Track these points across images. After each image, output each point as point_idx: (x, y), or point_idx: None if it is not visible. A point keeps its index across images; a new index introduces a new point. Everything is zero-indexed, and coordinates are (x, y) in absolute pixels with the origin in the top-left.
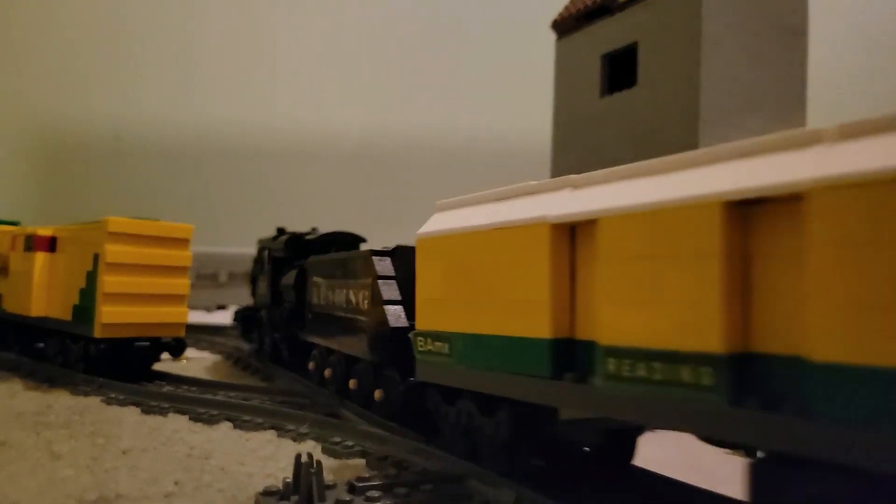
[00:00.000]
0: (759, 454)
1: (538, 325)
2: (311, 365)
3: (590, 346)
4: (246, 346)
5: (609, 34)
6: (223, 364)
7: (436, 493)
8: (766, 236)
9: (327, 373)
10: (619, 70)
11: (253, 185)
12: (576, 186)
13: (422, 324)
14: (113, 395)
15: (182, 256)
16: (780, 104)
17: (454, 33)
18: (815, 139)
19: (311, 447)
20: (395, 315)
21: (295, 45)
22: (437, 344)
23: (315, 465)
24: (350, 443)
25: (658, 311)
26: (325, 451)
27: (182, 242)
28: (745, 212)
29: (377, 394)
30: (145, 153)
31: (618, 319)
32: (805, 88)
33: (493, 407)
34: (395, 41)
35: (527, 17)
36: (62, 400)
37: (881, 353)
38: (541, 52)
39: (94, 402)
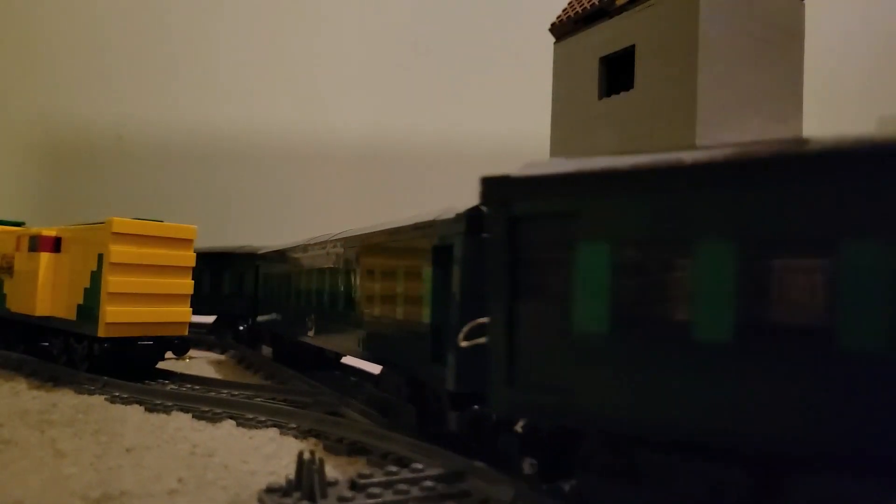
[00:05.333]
0: None
1: None
2: None
3: None
4: None
5: (607, 37)
6: (227, 363)
7: (436, 491)
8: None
9: None
10: (617, 73)
11: (256, 186)
12: None
13: None
14: (117, 394)
15: (186, 256)
16: (776, 106)
17: (454, 36)
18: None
19: (313, 445)
20: None
21: (297, 48)
22: None
23: (317, 463)
24: (352, 440)
25: None
26: (327, 448)
27: (186, 243)
28: None
29: None
30: (149, 154)
31: None
32: (801, 90)
33: None
34: (395, 44)
35: (526, 19)
36: (66, 399)
37: None
38: (539, 54)
39: (98, 400)
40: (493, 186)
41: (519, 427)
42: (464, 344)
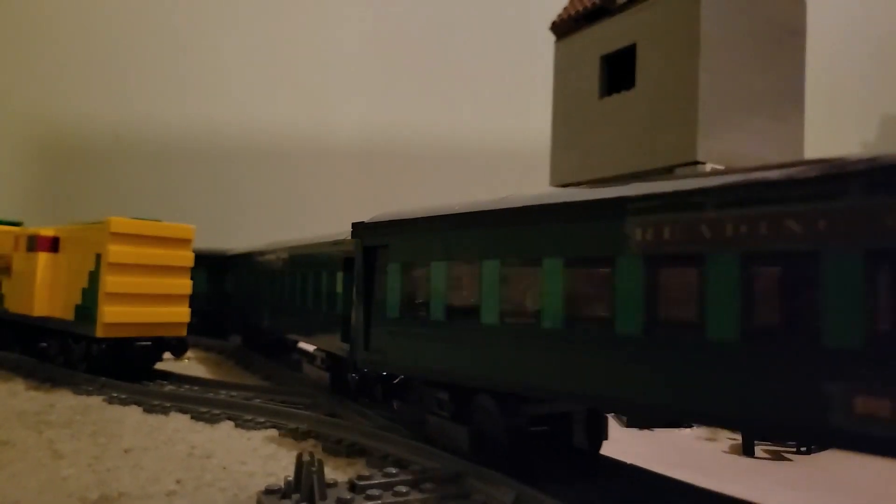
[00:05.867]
0: None
1: None
2: None
3: None
4: None
5: (608, 35)
6: (225, 363)
7: (436, 492)
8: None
9: None
10: (618, 71)
11: (255, 185)
12: None
13: None
14: (115, 395)
15: (184, 256)
16: (778, 105)
17: (454, 35)
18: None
19: (312, 446)
20: None
21: (295, 46)
22: None
23: (316, 464)
24: (351, 441)
25: None
26: (326, 449)
27: (184, 242)
28: None
29: None
30: (147, 154)
31: None
32: (803, 89)
33: None
34: (395, 42)
35: (527, 17)
36: (64, 399)
37: None
38: (541, 53)
39: (95, 401)
40: (356, 227)
41: (396, 380)
42: None
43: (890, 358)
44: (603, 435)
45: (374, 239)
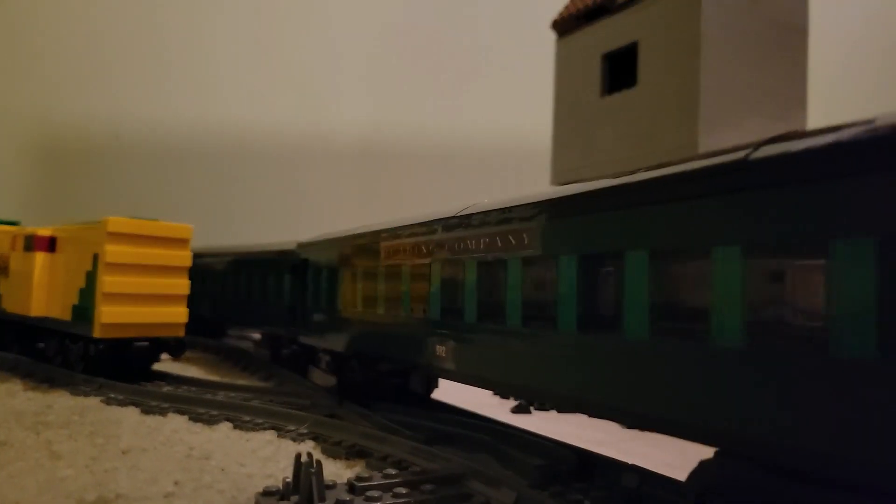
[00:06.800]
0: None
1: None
2: None
3: None
4: None
5: (609, 34)
6: (223, 364)
7: (436, 493)
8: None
9: None
10: (620, 70)
11: (253, 185)
12: None
13: None
14: (112, 396)
15: (181, 256)
16: (779, 104)
17: (455, 34)
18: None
19: (310, 447)
20: None
21: (295, 45)
22: None
23: (315, 465)
24: (350, 443)
25: None
26: (324, 451)
27: (181, 242)
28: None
29: None
30: (145, 153)
31: None
32: (805, 88)
33: None
34: (395, 42)
35: (528, 16)
36: (62, 400)
37: None
38: (542, 51)
39: (93, 402)
40: (299, 245)
41: (321, 354)
42: None
43: (442, 326)
44: (434, 385)
45: (306, 253)
